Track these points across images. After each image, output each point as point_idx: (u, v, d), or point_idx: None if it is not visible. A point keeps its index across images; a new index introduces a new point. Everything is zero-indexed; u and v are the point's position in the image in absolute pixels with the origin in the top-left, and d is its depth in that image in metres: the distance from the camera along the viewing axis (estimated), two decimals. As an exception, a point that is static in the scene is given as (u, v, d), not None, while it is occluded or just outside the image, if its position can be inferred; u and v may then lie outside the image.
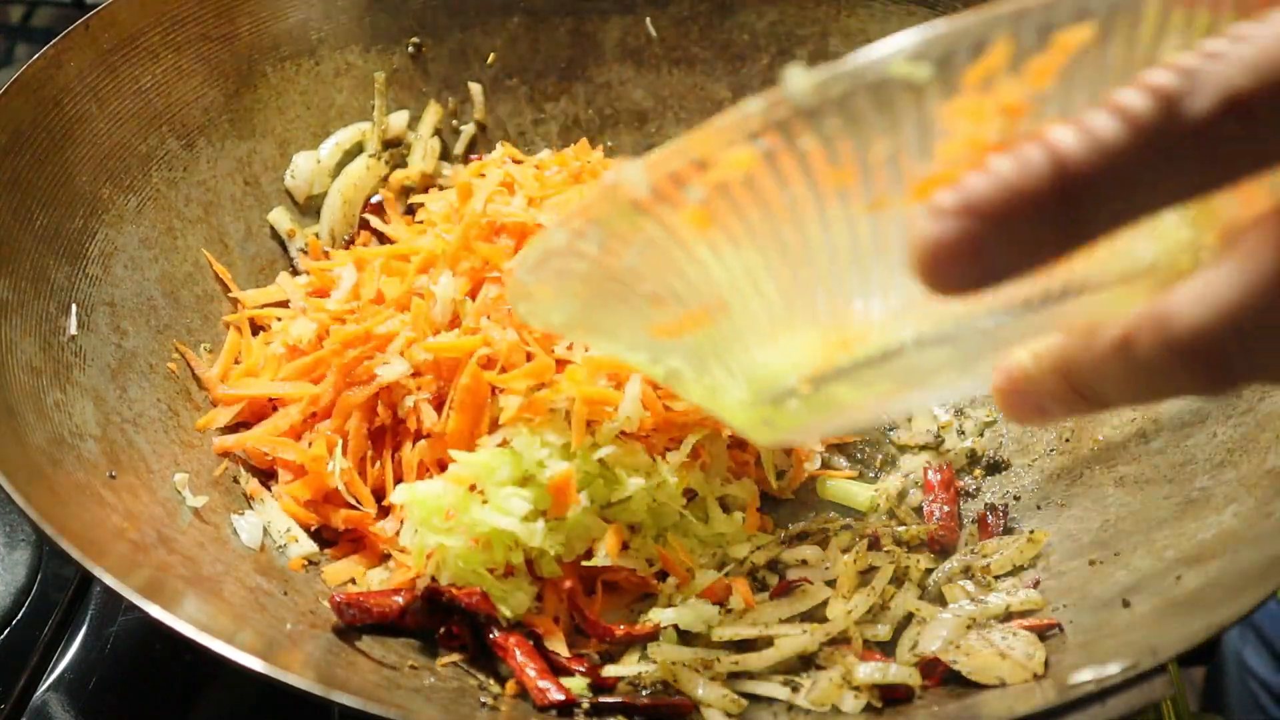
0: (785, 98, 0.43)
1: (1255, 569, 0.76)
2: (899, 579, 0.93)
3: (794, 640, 0.87)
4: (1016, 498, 1.02)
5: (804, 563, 0.95)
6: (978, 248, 0.40)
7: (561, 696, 0.81)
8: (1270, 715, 1.46)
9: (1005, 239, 0.40)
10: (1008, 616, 0.88)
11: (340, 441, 0.96)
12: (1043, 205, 0.39)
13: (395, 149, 1.22)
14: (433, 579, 0.89)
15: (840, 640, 0.88)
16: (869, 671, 0.83)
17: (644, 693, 0.85)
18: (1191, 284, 0.43)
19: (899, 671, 0.83)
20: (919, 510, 1.02)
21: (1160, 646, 0.71)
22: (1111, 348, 0.45)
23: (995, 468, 1.05)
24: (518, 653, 0.84)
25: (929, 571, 0.94)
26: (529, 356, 0.94)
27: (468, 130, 1.26)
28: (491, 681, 0.84)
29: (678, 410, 0.94)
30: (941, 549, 0.97)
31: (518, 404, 0.91)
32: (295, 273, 1.14)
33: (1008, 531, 0.99)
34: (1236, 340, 0.42)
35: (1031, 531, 0.96)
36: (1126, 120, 0.39)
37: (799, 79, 0.43)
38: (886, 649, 0.89)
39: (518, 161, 1.12)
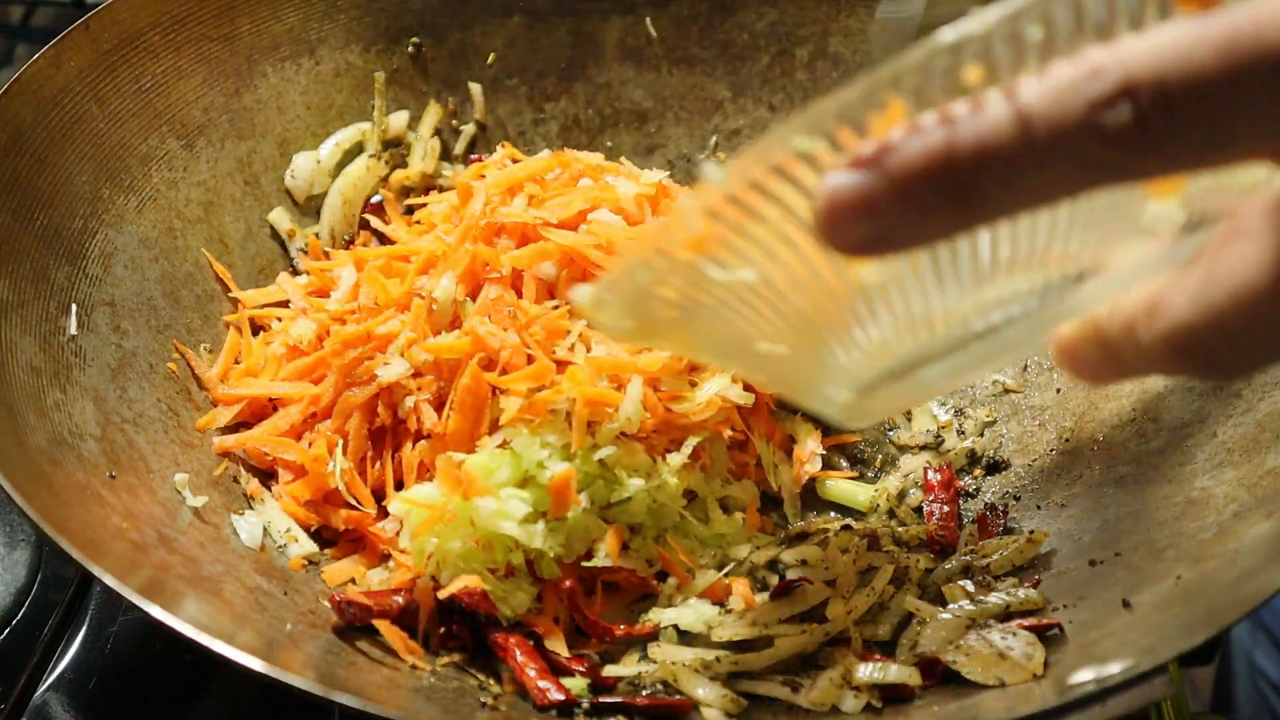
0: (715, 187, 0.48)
1: (1255, 569, 0.76)
2: (899, 579, 0.93)
3: (794, 640, 0.87)
4: (1016, 498, 1.02)
5: (804, 563, 0.95)
6: (873, 206, 0.42)
7: (561, 696, 0.81)
8: None
9: (898, 201, 0.42)
10: (1008, 616, 0.87)
11: (340, 442, 0.96)
12: (935, 175, 0.41)
13: (395, 149, 1.22)
14: (433, 579, 0.89)
15: (840, 640, 0.88)
16: (869, 671, 0.83)
17: (644, 693, 0.85)
18: (1186, 279, 0.45)
19: (899, 671, 0.83)
20: (919, 510, 1.02)
21: (1160, 646, 0.71)
22: (1121, 329, 0.47)
23: (995, 468, 1.05)
24: (518, 653, 0.84)
25: (929, 571, 0.94)
26: (530, 359, 0.94)
27: (468, 130, 1.26)
28: (491, 681, 0.84)
29: (678, 411, 0.94)
30: (941, 549, 0.97)
31: (518, 405, 0.91)
32: (295, 273, 1.14)
33: (1008, 531, 0.98)
34: (1222, 339, 0.44)
35: (1031, 531, 0.96)
36: (1017, 115, 0.40)
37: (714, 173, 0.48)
38: (886, 649, 0.89)
39: (517, 162, 1.12)
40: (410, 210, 1.18)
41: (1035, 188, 0.41)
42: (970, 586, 0.92)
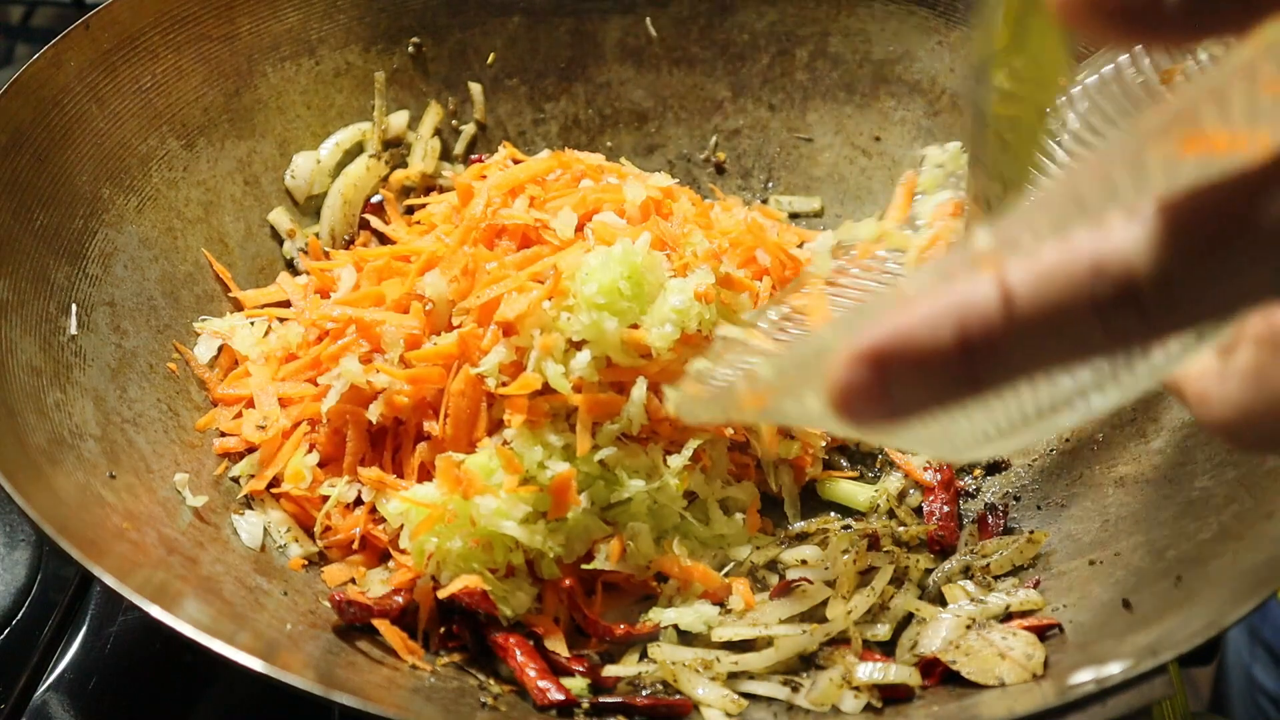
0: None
1: (1255, 569, 0.76)
2: (899, 579, 0.93)
3: (794, 640, 0.87)
4: (1016, 498, 1.02)
5: (804, 563, 0.95)
6: (884, 392, 0.43)
7: (561, 696, 0.81)
8: None
9: (910, 386, 0.43)
10: (1008, 616, 0.88)
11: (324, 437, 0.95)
12: (938, 368, 0.42)
13: (395, 149, 1.22)
14: (433, 579, 0.89)
15: (840, 640, 0.88)
16: (869, 671, 0.83)
17: (644, 693, 0.85)
18: (1226, 378, 0.53)
19: (899, 671, 0.83)
20: (919, 510, 1.02)
21: (1160, 646, 0.71)
22: (1179, 397, 0.59)
23: (995, 468, 1.05)
24: (518, 653, 0.84)
25: (929, 571, 0.94)
26: (519, 366, 0.93)
27: (468, 130, 1.26)
28: (491, 681, 0.84)
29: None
30: (941, 549, 0.97)
31: (519, 406, 0.91)
32: (295, 273, 1.14)
33: (1008, 531, 0.98)
34: (1258, 435, 0.53)
35: (1031, 531, 0.96)
36: (1020, 309, 0.42)
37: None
38: (886, 649, 0.89)
39: (518, 163, 1.12)
40: (410, 210, 1.18)
41: (1042, 363, 0.43)
42: (970, 586, 0.92)
